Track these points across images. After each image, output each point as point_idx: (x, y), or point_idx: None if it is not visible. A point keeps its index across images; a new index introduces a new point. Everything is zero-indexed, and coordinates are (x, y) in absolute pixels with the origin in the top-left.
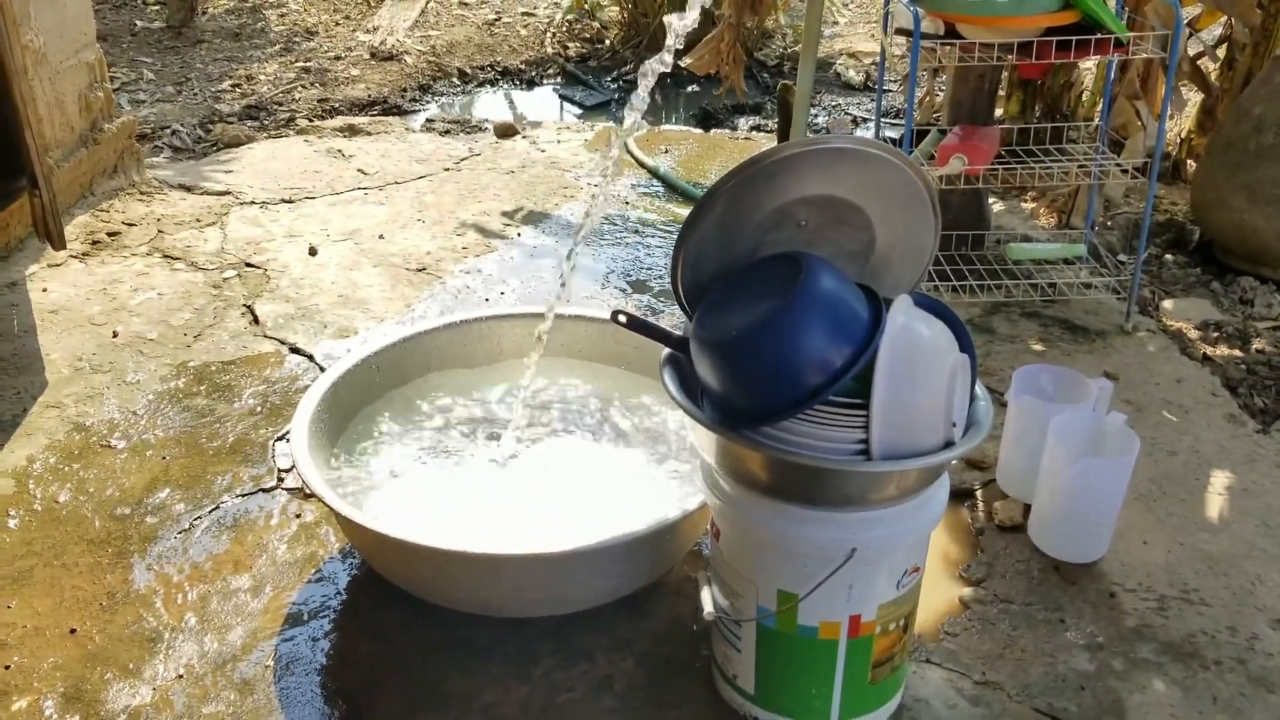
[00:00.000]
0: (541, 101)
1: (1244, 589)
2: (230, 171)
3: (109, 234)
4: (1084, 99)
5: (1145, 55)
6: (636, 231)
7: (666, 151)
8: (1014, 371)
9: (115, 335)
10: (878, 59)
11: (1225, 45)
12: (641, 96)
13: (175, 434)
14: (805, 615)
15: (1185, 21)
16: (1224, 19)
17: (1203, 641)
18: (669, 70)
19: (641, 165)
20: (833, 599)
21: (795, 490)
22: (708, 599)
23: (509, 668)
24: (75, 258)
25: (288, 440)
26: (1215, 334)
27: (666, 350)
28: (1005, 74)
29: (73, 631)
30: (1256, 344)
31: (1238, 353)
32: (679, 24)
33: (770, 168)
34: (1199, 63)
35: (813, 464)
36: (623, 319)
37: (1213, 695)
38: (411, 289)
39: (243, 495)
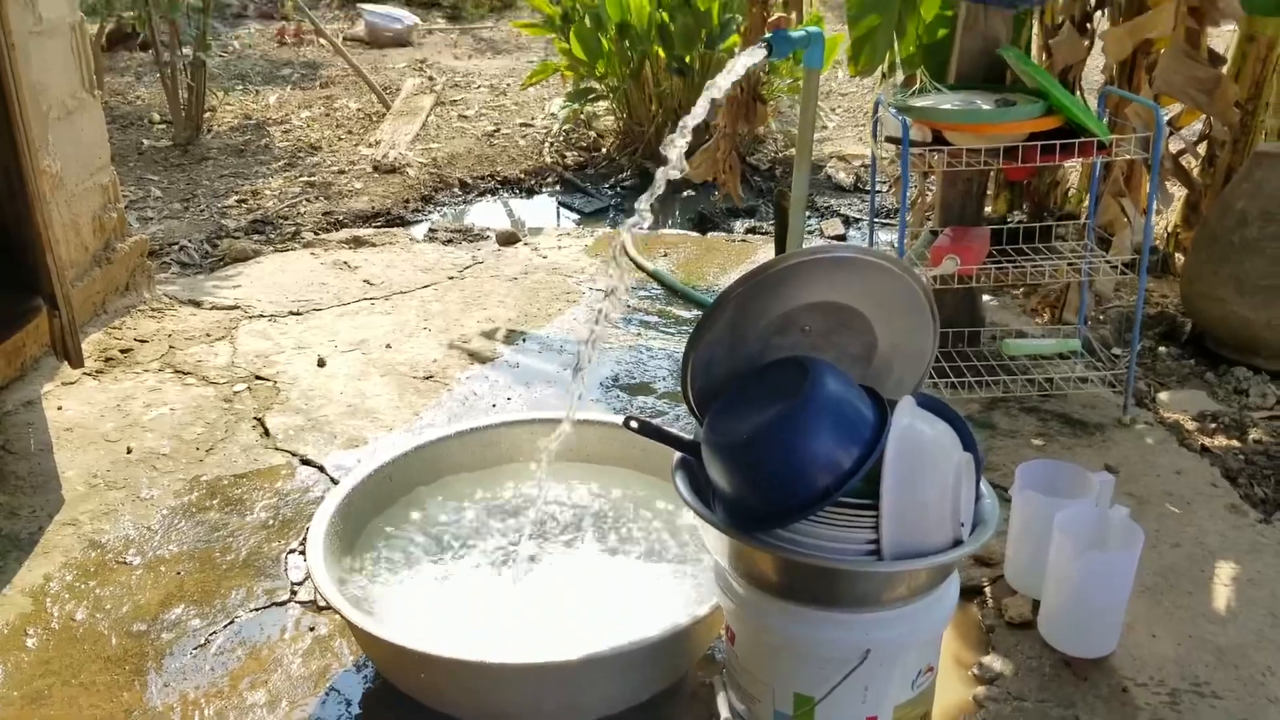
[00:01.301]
0: (541, 209)
1: (1255, 680)
2: (238, 286)
3: (121, 351)
4: (1070, 197)
5: (1128, 156)
6: (638, 334)
7: (665, 255)
8: (1016, 467)
9: (129, 451)
10: (868, 162)
11: (1206, 142)
12: (649, 201)
13: (189, 549)
14: (823, 718)
15: (1166, 120)
16: (1204, 116)
17: None
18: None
19: (641, 269)
20: (849, 701)
21: (808, 591)
22: (724, 704)
23: None
24: (89, 375)
25: (300, 553)
26: (1212, 425)
27: (678, 454)
28: (993, 175)
29: None
30: (1253, 434)
31: (1235, 443)
32: (674, 152)
33: (775, 276)
34: (1181, 159)
35: (825, 565)
36: (634, 425)
37: None
38: (419, 397)
39: (257, 609)
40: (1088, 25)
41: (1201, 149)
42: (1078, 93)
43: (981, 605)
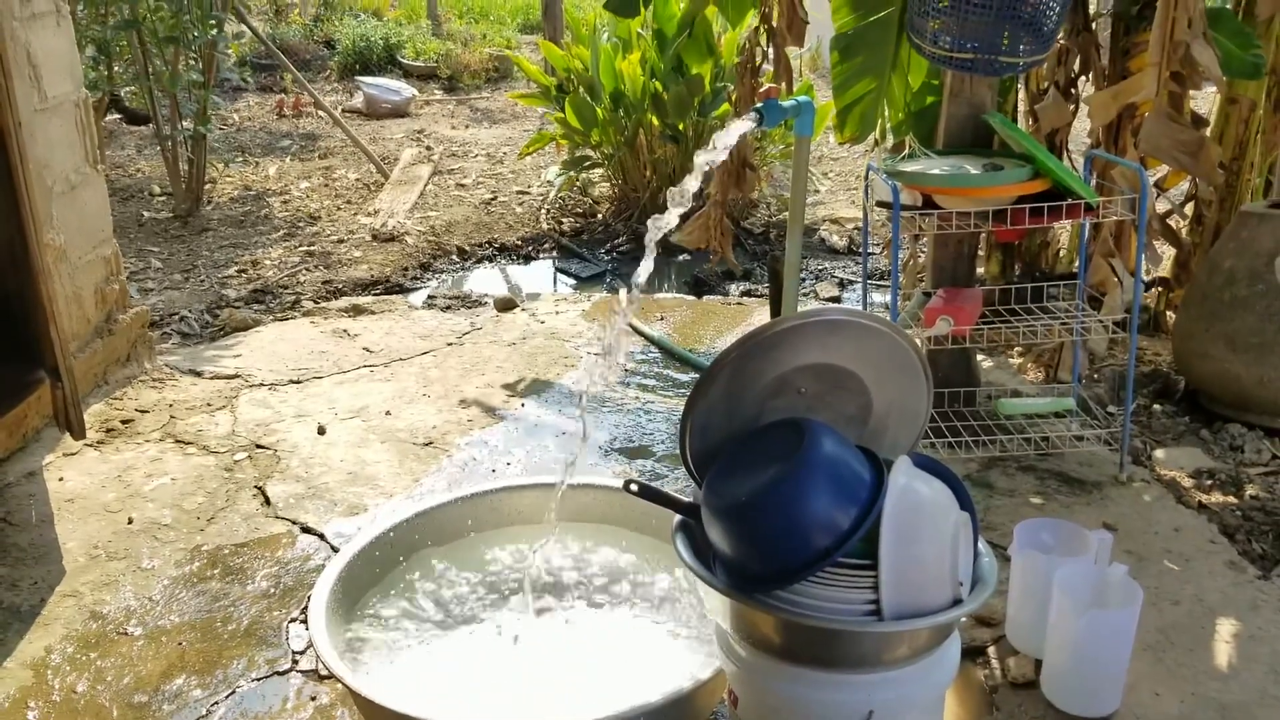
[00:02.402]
0: (539, 275)
1: None
2: (238, 355)
3: (123, 421)
4: (1061, 257)
5: (1115, 218)
6: (636, 398)
7: (662, 319)
8: (1015, 526)
9: (130, 522)
10: (859, 224)
11: (1193, 202)
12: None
13: (190, 619)
14: None
15: (1152, 181)
16: (1190, 177)
17: None
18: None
19: (639, 333)
20: None
21: (810, 653)
22: None
23: None
24: (90, 446)
25: (302, 621)
26: (1209, 481)
27: (677, 516)
28: (983, 237)
29: None
30: (1250, 490)
31: (1232, 499)
32: (657, 225)
33: (770, 340)
34: (1169, 219)
35: (826, 625)
36: (634, 488)
37: None
38: (419, 464)
39: (258, 679)
40: (1072, 90)
41: (1189, 209)
42: (1064, 156)
43: (984, 665)
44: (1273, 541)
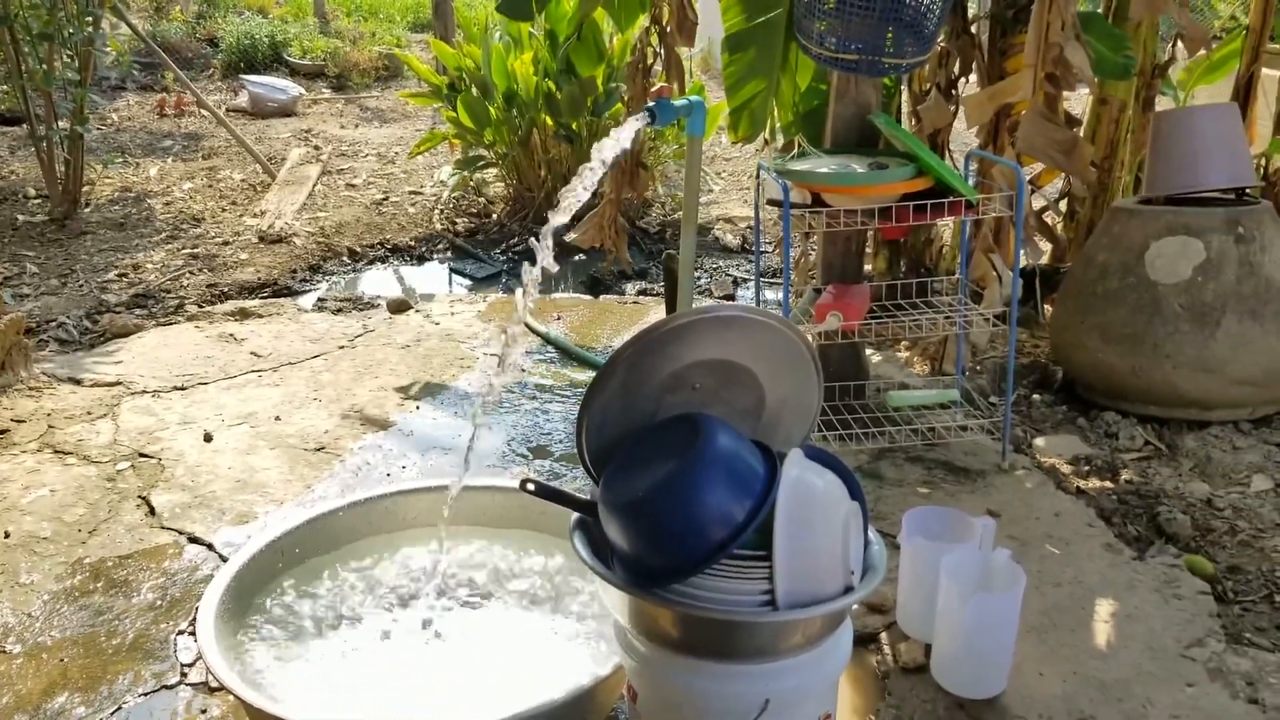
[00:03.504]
0: (433, 276)
1: (1137, 712)
2: (120, 362)
3: None
4: (944, 254)
5: (995, 214)
6: (534, 398)
7: (559, 318)
8: (903, 514)
9: (6, 536)
10: (752, 223)
11: (1067, 199)
12: (538, 269)
13: (73, 634)
14: None
15: (1028, 180)
16: (1064, 175)
17: None
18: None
19: (535, 333)
20: None
21: (707, 645)
22: None
23: None
24: None
25: (190, 633)
26: (1086, 468)
27: (575, 515)
28: (871, 235)
29: None
30: (1125, 475)
31: (1109, 484)
32: (548, 229)
33: (664, 336)
34: (1044, 216)
35: (722, 617)
36: (531, 487)
37: None
38: (311, 469)
39: (145, 694)
40: (953, 91)
41: (1063, 206)
42: (946, 155)
43: (876, 652)
44: (1147, 524)
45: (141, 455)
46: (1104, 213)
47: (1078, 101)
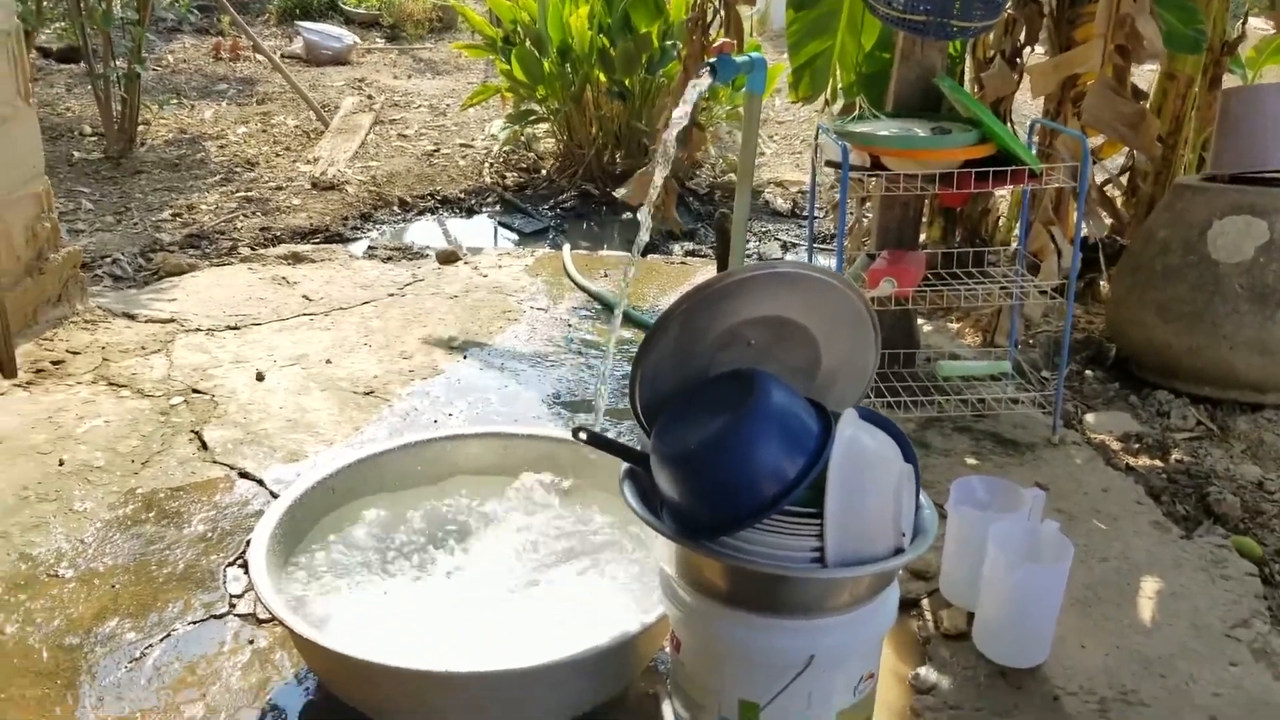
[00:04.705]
0: (481, 229)
1: (1180, 688)
2: (174, 299)
3: (53, 363)
4: (1001, 225)
5: (1056, 185)
6: (580, 354)
7: (606, 276)
8: (951, 483)
9: (61, 464)
10: (804, 187)
11: (1129, 174)
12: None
13: (124, 562)
14: None
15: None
16: (1126, 149)
17: None
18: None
19: (583, 289)
20: (793, 707)
21: (754, 598)
22: (669, 712)
23: None
24: (19, 386)
25: (240, 566)
26: (1136, 445)
27: (625, 465)
28: (927, 203)
29: None
30: (1175, 454)
31: (1158, 463)
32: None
33: (721, 291)
34: (1105, 190)
35: (771, 572)
36: (584, 436)
37: None
38: (360, 412)
39: (194, 622)
40: (1017, 60)
41: (1125, 180)
42: (1008, 124)
43: (918, 618)
44: (1196, 503)
45: (195, 391)
46: (1167, 189)
47: (1143, 76)
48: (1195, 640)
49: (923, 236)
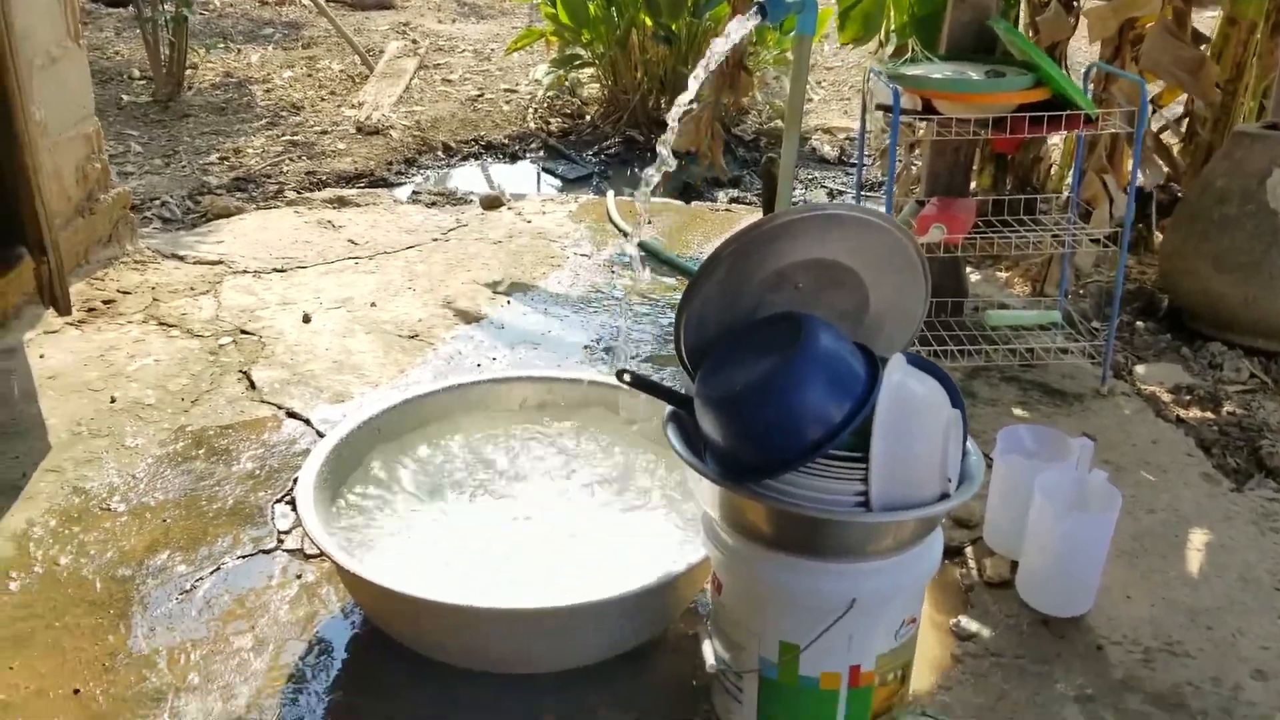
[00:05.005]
0: (524, 174)
1: (1226, 641)
2: (221, 242)
3: (104, 302)
4: (1053, 173)
5: (1113, 130)
6: (621, 300)
7: (650, 222)
8: (998, 432)
9: (113, 401)
10: (851, 134)
11: (1186, 121)
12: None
13: (175, 497)
14: (806, 666)
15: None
16: (1184, 96)
17: (1188, 692)
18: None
19: (625, 235)
20: (833, 649)
21: (797, 542)
22: (709, 652)
23: None
24: (71, 325)
25: (288, 502)
26: (1187, 397)
27: (669, 407)
28: (979, 148)
29: (76, 692)
30: (1227, 407)
31: (1210, 415)
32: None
33: (770, 233)
34: (1162, 136)
35: (815, 515)
36: (628, 378)
37: None
38: (405, 355)
39: (243, 557)
40: (1073, 3)
41: (1182, 127)
42: (1064, 68)
43: (961, 566)
44: (1247, 456)
45: (243, 332)
46: (1225, 137)
47: (1204, 21)
48: (1243, 593)
49: (973, 184)
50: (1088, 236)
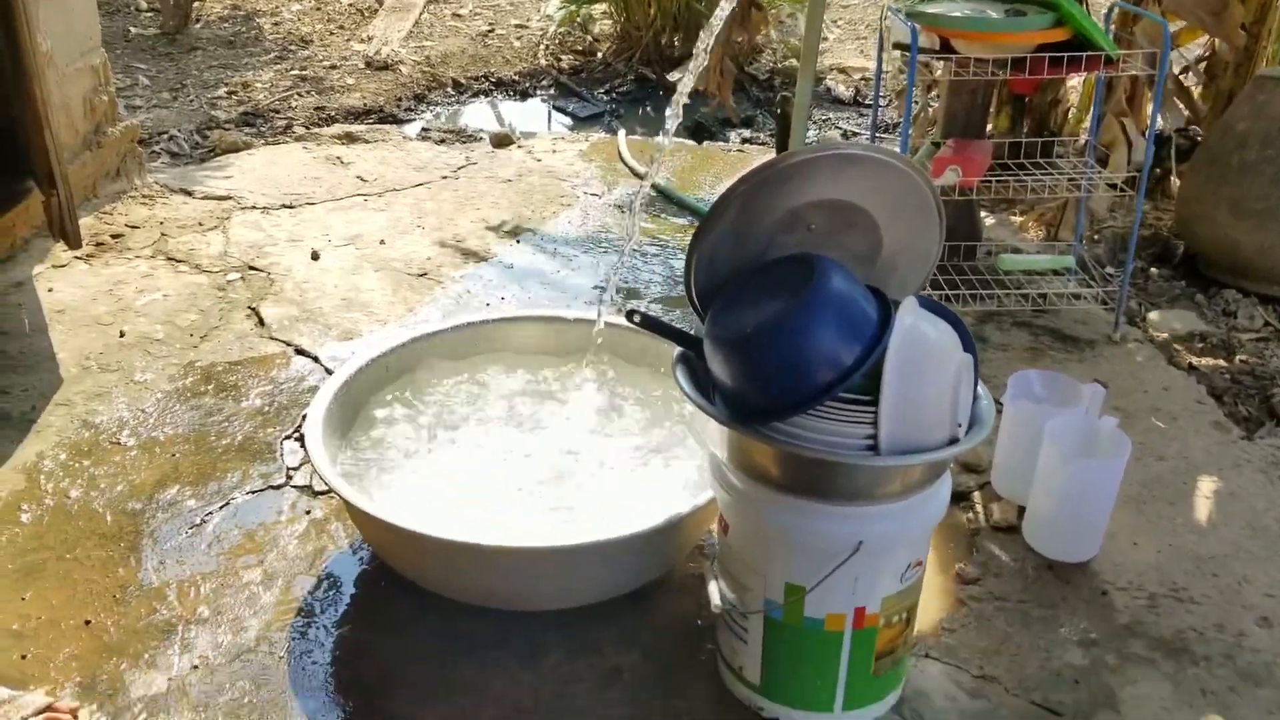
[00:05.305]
0: (535, 112)
1: (1231, 588)
2: (229, 177)
3: (112, 236)
4: (1071, 116)
5: (1134, 72)
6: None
7: (662, 165)
8: (1008, 377)
9: (122, 335)
10: (867, 74)
11: (1207, 63)
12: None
13: (184, 432)
14: (812, 607)
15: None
16: (1204, 37)
17: (1192, 638)
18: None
19: (638, 176)
20: (839, 591)
21: (805, 484)
22: (715, 593)
23: (519, 659)
24: (80, 259)
25: (297, 439)
26: (1200, 345)
27: (678, 348)
28: (996, 89)
29: (87, 623)
30: (1240, 355)
31: (1222, 363)
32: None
33: (783, 172)
34: (1182, 79)
35: (823, 458)
36: (637, 318)
37: (1201, 689)
38: (413, 293)
39: (253, 492)
40: None
41: (1203, 70)
42: (1085, 7)
43: (968, 510)
44: (1259, 405)
45: (251, 268)
46: (1248, 80)
47: None
48: (1251, 541)
49: (989, 126)
50: (1105, 181)
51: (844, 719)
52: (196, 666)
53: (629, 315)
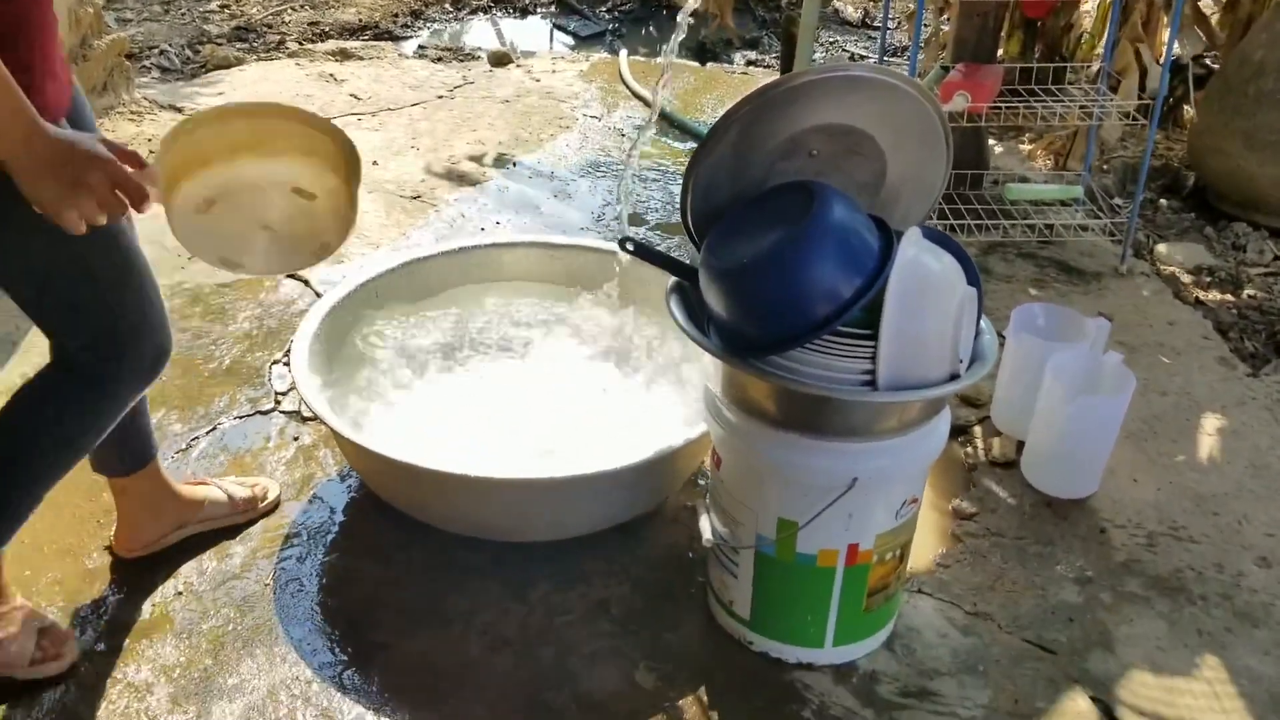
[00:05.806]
0: (535, 31)
1: (1231, 527)
2: (221, 93)
3: None
4: (1083, 41)
5: None
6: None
7: (665, 85)
8: (1012, 310)
9: None
10: None
11: None
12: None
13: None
14: (804, 543)
15: None
16: None
17: (1190, 577)
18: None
19: (637, 97)
20: (832, 527)
21: (800, 420)
22: (706, 526)
23: (508, 589)
24: None
25: (285, 364)
26: (1208, 279)
27: (673, 279)
28: (1008, 13)
29: (70, 549)
30: (1248, 289)
31: (1229, 297)
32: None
33: (786, 93)
34: (1200, 4)
35: (820, 394)
36: (630, 247)
37: (1198, 629)
38: (407, 216)
39: (240, 417)
40: None
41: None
42: None
43: (967, 445)
44: (1265, 341)
45: None
46: (1267, 7)
47: None
48: (1253, 480)
49: (1000, 51)
50: (1118, 109)
51: (834, 654)
52: (181, 593)
53: (622, 243)
